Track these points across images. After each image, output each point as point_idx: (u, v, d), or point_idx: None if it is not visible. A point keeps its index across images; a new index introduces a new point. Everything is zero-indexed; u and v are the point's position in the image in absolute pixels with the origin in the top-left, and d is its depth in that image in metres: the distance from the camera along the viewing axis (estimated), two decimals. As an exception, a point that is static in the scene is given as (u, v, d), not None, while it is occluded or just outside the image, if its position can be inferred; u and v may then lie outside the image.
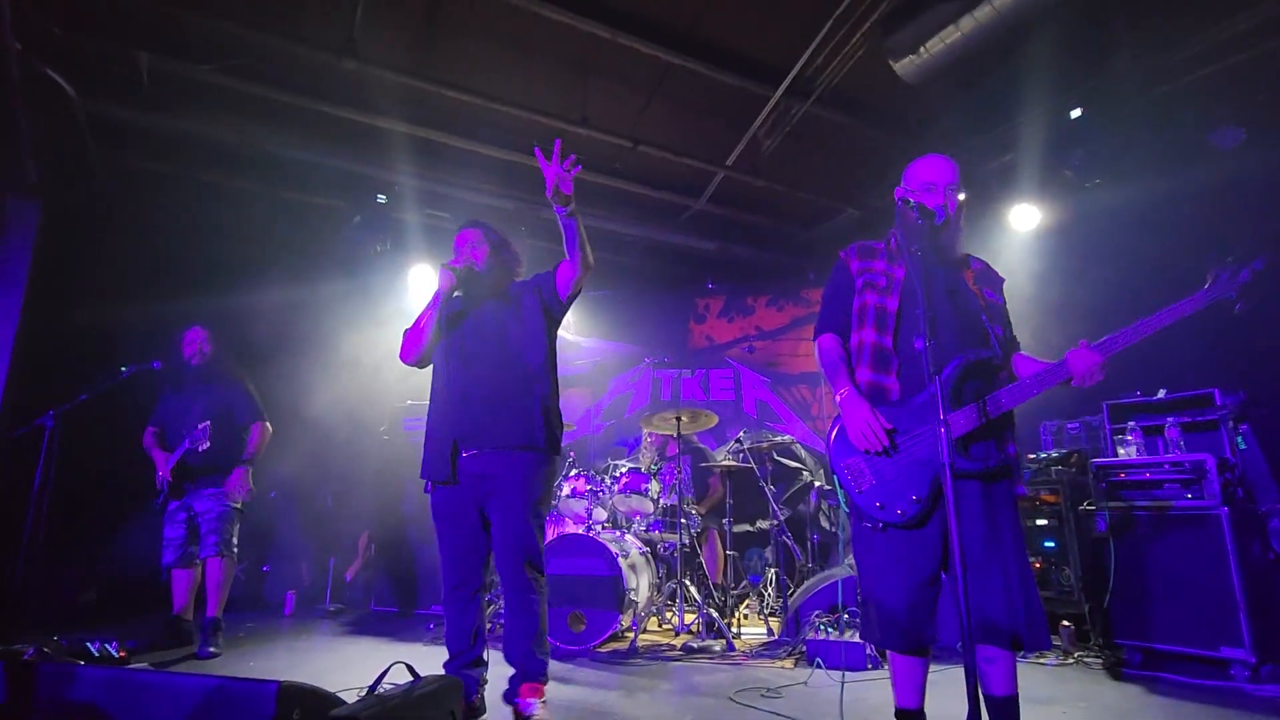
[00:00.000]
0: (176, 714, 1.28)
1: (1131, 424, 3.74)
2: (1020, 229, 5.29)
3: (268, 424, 4.10)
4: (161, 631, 3.82)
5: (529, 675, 2.41)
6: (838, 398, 2.03)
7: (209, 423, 3.73)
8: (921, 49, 4.04)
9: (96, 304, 5.10)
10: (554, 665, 3.54)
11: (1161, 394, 3.84)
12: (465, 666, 2.49)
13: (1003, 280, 2.18)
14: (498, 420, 2.56)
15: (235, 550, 3.90)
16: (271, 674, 1.33)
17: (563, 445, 2.78)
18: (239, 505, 3.94)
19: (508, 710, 2.52)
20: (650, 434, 5.40)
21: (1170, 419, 3.63)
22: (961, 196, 2.10)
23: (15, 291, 4.69)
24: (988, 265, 2.18)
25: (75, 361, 4.50)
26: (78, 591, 4.89)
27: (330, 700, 1.37)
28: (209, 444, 3.70)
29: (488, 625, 4.37)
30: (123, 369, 3.87)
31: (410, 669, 1.69)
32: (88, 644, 3.01)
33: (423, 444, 2.71)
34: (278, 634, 4.48)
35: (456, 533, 2.60)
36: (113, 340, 4.76)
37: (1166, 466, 3.41)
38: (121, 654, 3.15)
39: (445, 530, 2.62)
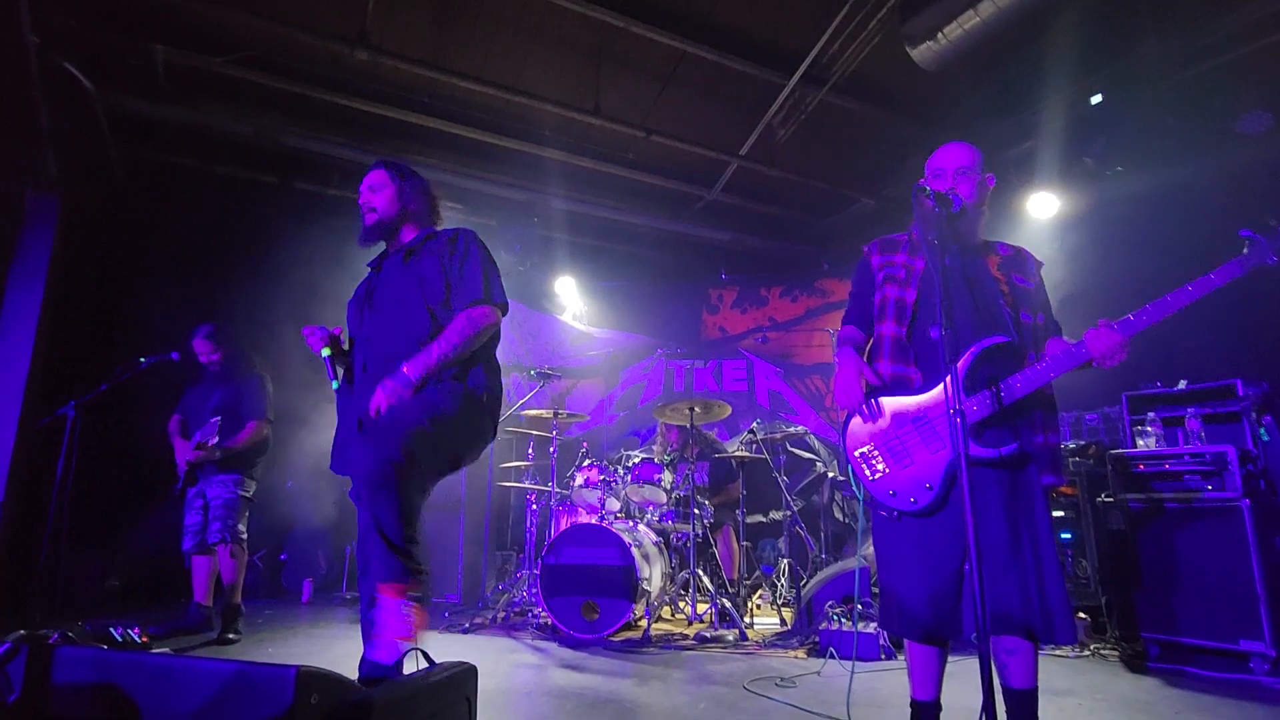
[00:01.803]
0: (197, 697, 1.30)
1: (1151, 415, 3.69)
2: (1040, 217, 5.21)
3: (265, 424, 4.06)
4: (183, 617, 3.88)
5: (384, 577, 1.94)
6: (836, 360, 2.09)
7: (219, 419, 3.79)
8: (940, 35, 3.98)
9: (116, 296, 5.17)
10: (567, 653, 3.58)
11: (1182, 385, 3.78)
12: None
13: (1039, 264, 2.11)
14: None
15: (244, 537, 3.94)
16: (290, 659, 1.34)
17: (572, 436, 2.60)
18: (248, 494, 3.98)
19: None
20: (666, 426, 5.40)
21: (1191, 410, 3.57)
22: (985, 180, 2.08)
23: (36, 284, 4.75)
24: (1019, 250, 2.11)
25: (95, 353, 4.56)
26: (102, 579, 4.97)
27: (347, 685, 1.38)
28: (217, 439, 3.76)
29: (501, 615, 4.43)
30: (142, 360, 3.93)
31: (426, 655, 1.71)
32: (111, 629, 3.06)
33: None
34: (296, 621, 4.54)
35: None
36: (132, 331, 4.82)
37: (1187, 458, 3.36)
38: (144, 639, 3.20)
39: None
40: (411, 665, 1.73)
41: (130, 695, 1.35)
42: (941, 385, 1.90)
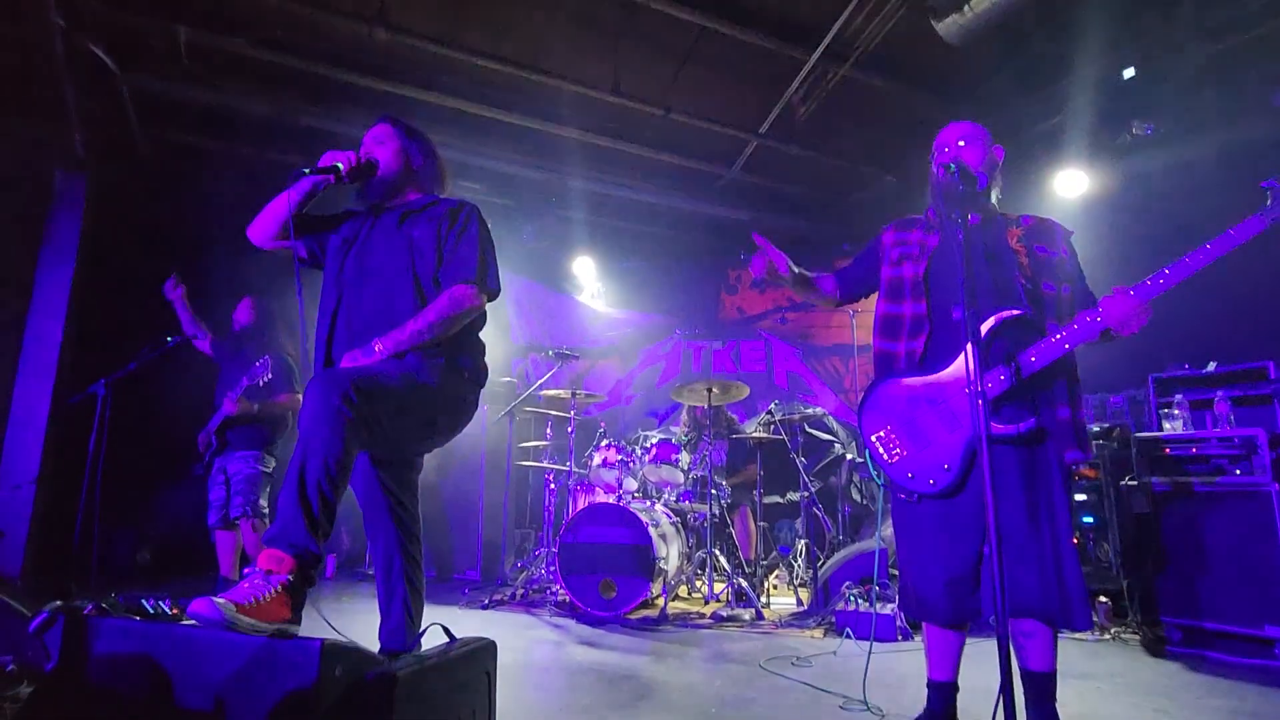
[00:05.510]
0: (225, 668, 1.34)
1: (1179, 397, 3.62)
2: (1067, 195, 5.08)
3: (297, 395, 4.07)
4: (212, 592, 3.97)
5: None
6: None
7: (269, 358, 3.67)
8: (966, 7, 3.88)
9: (143, 275, 5.24)
10: (585, 630, 3.62)
11: (1212, 367, 3.71)
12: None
13: (1069, 233, 2.06)
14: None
15: (265, 512, 4.00)
16: (314, 634, 1.37)
17: (590, 416, 2.57)
18: (269, 470, 4.04)
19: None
20: (689, 408, 5.41)
21: (1220, 392, 3.50)
22: (994, 153, 2.06)
23: (67, 264, 4.85)
24: (1044, 220, 2.06)
25: (124, 331, 4.65)
26: (133, 552, 5.11)
27: (370, 659, 1.41)
28: (270, 375, 3.65)
29: (520, 592, 4.49)
30: (169, 338, 3.98)
31: (446, 630, 1.74)
32: (143, 601, 3.14)
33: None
34: (319, 596, 4.64)
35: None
36: (159, 310, 4.89)
37: (1214, 441, 3.30)
38: (174, 611, 3.29)
39: None
40: (432, 640, 1.76)
41: (162, 665, 1.40)
42: (957, 363, 1.88)
